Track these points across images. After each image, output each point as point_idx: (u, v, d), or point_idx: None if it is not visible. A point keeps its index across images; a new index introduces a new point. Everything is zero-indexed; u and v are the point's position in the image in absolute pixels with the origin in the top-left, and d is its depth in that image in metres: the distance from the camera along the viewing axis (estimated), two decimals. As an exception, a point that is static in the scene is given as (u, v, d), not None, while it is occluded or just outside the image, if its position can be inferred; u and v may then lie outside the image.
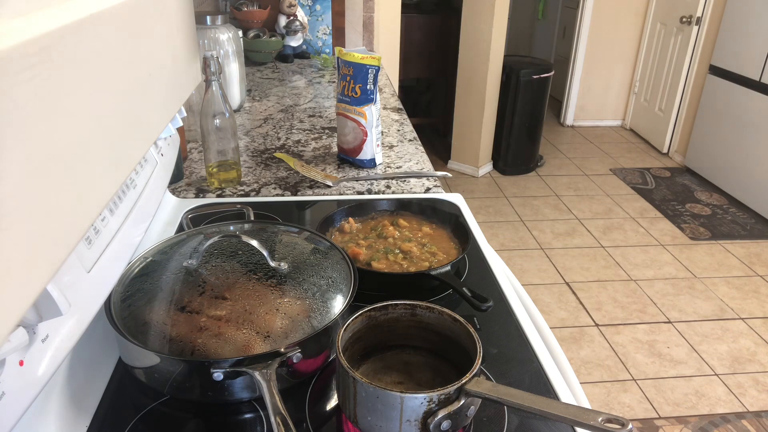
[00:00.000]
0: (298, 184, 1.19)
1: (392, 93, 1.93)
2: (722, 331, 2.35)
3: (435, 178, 1.24)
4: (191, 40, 0.72)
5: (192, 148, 1.37)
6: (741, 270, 2.77)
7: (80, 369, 0.64)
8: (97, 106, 0.42)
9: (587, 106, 4.82)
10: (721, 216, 3.31)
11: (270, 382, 0.57)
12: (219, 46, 1.48)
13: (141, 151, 0.52)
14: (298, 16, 2.19)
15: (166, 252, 0.78)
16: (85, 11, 0.40)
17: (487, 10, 3.36)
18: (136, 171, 0.78)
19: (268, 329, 0.65)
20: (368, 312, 0.65)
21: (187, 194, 1.14)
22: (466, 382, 0.55)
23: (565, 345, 2.25)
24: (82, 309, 0.56)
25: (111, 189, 0.45)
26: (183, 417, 0.63)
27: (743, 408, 1.96)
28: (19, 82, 0.30)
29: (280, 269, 0.73)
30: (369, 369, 0.67)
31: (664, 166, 4.04)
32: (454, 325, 0.64)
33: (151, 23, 0.55)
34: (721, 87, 3.60)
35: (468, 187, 3.70)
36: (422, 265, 0.86)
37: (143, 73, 0.52)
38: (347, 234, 0.94)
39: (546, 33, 5.47)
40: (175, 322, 0.65)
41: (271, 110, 1.67)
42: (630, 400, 1.99)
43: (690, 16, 3.86)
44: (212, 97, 1.06)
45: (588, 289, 2.61)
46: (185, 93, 0.69)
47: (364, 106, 1.19)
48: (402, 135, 1.53)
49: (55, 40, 0.35)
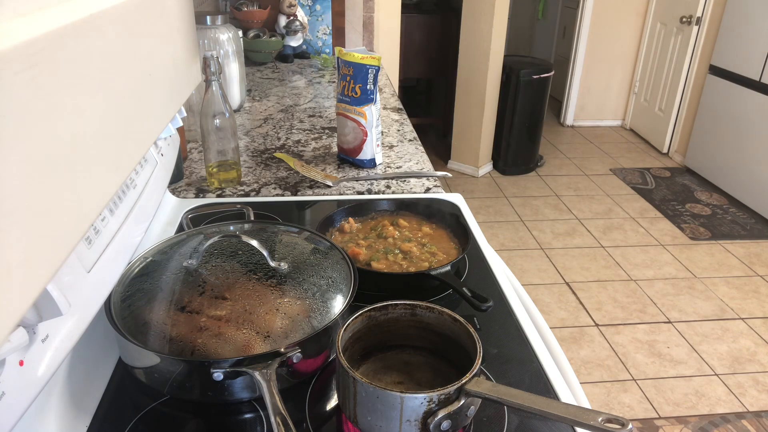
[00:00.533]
0: (298, 184, 1.19)
1: (392, 93, 1.93)
2: (722, 331, 2.35)
3: (435, 178, 1.24)
4: (191, 40, 0.72)
5: (192, 148, 1.37)
6: (741, 270, 2.77)
7: (80, 369, 0.64)
8: (97, 106, 0.42)
9: (587, 106, 4.82)
10: (721, 216, 3.31)
11: (270, 382, 0.57)
12: (219, 46, 1.48)
13: (141, 151, 0.52)
14: (298, 16, 2.19)
15: (166, 252, 0.78)
16: (85, 11, 0.40)
17: (487, 10, 3.36)
18: (136, 171, 0.78)
19: (268, 329, 0.65)
20: (368, 312, 0.65)
21: (187, 194, 1.14)
22: (466, 382, 0.55)
23: (565, 345, 2.25)
24: (82, 309, 0.56)
25: (111, 189, 0.45)
26: (183, 417, 0.63)
27: (743, 408, 1.96)
28: (19, 82, 0.30)
29: (280, 269, 0.73)
30: (369, 369, 0.67)
31: (664, 166, 4.04)
32: (454, 325, 0.64)
33: (151, 23, 0.55)
34: (721, 87, 3.60)
35: (468, 187, 3.70)
36: (422, 265, 0.86)
37: (143, 73, 0.52)
38: (347, 234, 0.94)
39: (546, 33, 5.47)
40: (175, 322, 0.65)
41: (271, 110, 1.67)
42: (630, 400, 1.99)
43: (690, 16, 3.86)
44: (212, 97, 1.06)
45: (588, 289, 2.61)
46: (185, 93, 0.69)
47: (364, 106, 1.19)
48: (402, 135, 1.53)
49: (55, 40, 0.35)
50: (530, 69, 3.61)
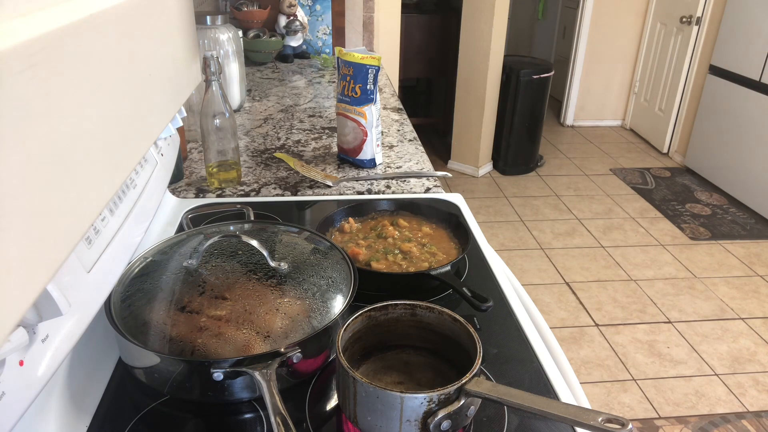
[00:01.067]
0: (298, 184, 1.19)
1: (392, 93, 1.93)
2: (722, 331, 2.35)
3: (435, 178, 1.24)
4: (191, 40, 0.72)
5: (192, 148, 1.37)
6: (741, 270, 2.77)
7: (80, 369, 0.64)
8: (97, 106, 0.42)
9: (587, 106, 4.82)
10: (721, 216, 3.31)
11: (270, 382, 0.57)
12: (219, 46, 1.48)
13: (141, 151, 0.52)
14: (298, 16, 2.19)
15: (166, 252, 0.78)
16: (85, 11, 0.40)
17: (487, 10, 3.36)
18: (136, 171, 0.78)
19: (268, 329, 0.65)
20: (368, 312, 0.65)
21: (187, 194, 1.14)
22: (466, 382, 0.55)
23: (565, 345, 2.25)
24: (82, 309, 0.56)
25: (111, 189, 0.45)
26: (183, 417, 0.63)
27: (743, 408, 1.96)
28: (19, 82, 0.30)
29: (280, 269, 0.73)
30: (369, 369, 0.67)
31: (664, 166, 4.04)
32: (454, 325, 0.64)
33: (151, 23, 0.55)
34: (721, 87, 3.60)
35: (468, 187, 3.70)
36: (422, 265, 0.85)
37: (143, 73, 0.52)
38: (347, 234, 0.94)
39: (546, 33, 5.47)
40: (175, 322, 0.65)
41: (271, 110, 1.67)
42: (630, 400, 1.99)
43: (690, 16, 3.86)
44: (212, 97, 1.06)
45: (588, 289, 2.61)
46: (185, 93, 0.69)
47: (364, 106, 1.19)
48: (402, 135, 1.53)
49: (55, 40, 0.35)
50: (530, 69, 3.61)
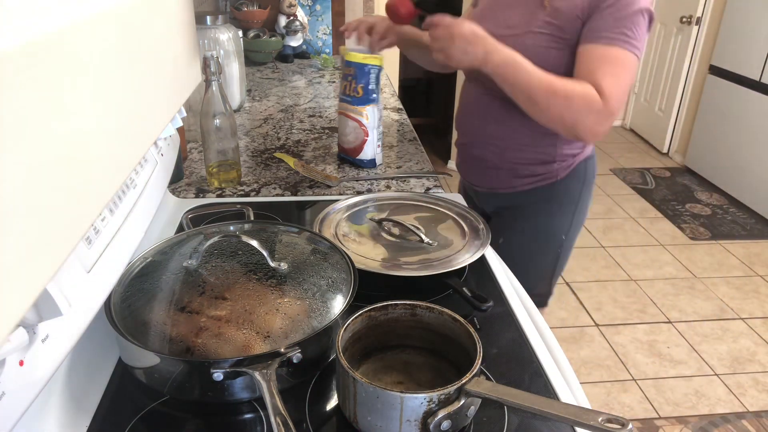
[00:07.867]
0: (298, 184, 1.19)
1: (392, 93, 1.93)
2: (722, 331, 2.35)
3: (435, 178, 1.24)
4: (191, 40, 0.72)
5: (192, 148, 1.37)
6: (741, 270, 2.77)
7: (80, 369, 0.64)
8: (97, 106, 0.42)
9: (587, 106, 4.81)
10: (721, 216, 3.31)
11: (270, 383, 0.57)
12: (219, 46, 1.48)
13: (141, 151, 0.52)
14: (298, 16, 2.19)
15: (166, 252, 0.78)
16: (85, 11, 0.40)
17: (487, 10, 3.35)
18: (136, 171, 0.78)
19: (268, 329, 0.65)
20: (368, 312, 0.65)
21: (187, 194, 1.14)
22: (466, 382, 0.55)
23: (565, 345, 2.25)
24: (82, 309, 0.56)
25: (111, 189, 0.45)
26: (183, 417, 0.63)
27: (743, 408, 1.96)
28: (19, 82, 0.31)
29: (280, 269, 0.73)
30: (369, 369, 0.67)
31: (664, 166, 4.04)
32: (454, 325, 0.64)
33: (151, 23, 0.55)
34: (721, 87, 3.60)
35: (468, 187, 3.69)
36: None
37: (143, 73, 0.52)
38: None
39: (546, 33, 5.46)
40: (175, 322, 0.65)
41: (271, 110, 1.67)
42: (630, 400, 1.99)
43: (690, 16, 3.85)
44: (212, 97, 1.06)
45: (588, 289, 2.61)
46: (185, 93, 0.69)
47: (365, 106, 1.19)
48: (402, 135, 1.53)
49: (55, 40, 0.35)
50: (530, 69, 3.60)
